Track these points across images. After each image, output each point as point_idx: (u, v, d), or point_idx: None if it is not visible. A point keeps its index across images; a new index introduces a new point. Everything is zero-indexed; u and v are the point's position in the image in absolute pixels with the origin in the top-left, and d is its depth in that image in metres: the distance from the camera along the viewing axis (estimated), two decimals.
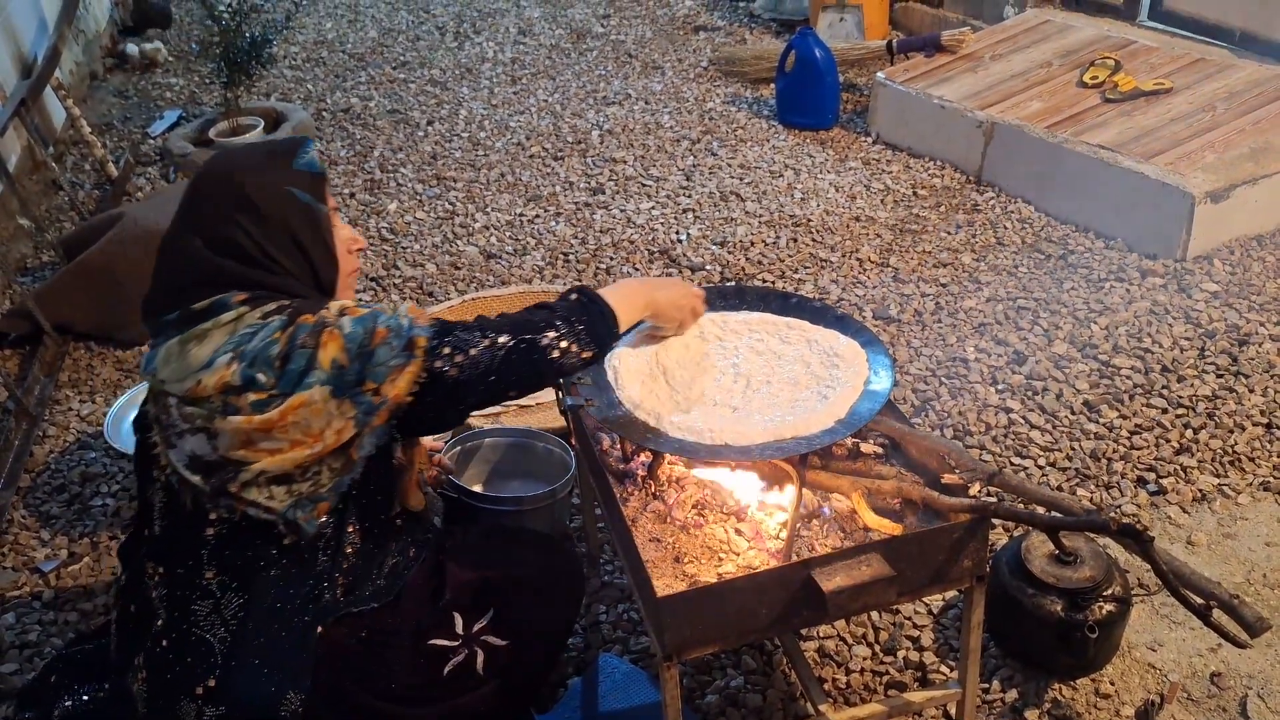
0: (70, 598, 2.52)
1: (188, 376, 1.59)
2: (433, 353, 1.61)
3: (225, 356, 1.58)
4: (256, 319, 1.61)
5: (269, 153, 1.71)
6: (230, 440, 1.57)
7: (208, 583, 1.66)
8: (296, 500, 1.63)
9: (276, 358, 1.57)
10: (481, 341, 1.64)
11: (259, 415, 1.56)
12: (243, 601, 1.66)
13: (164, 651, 1.68)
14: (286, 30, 5.27)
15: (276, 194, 1.66)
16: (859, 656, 2.26)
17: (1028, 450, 2.79)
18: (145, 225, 3.49)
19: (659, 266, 3.76)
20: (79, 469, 2.93)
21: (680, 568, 1.78)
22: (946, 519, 1.77)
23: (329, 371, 1.57)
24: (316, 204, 1.70)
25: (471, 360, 1.62)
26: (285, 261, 1.67)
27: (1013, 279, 3.55)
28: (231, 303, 1.62)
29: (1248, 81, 4.00)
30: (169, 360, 1.62)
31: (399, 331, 1.61)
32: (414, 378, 1.60)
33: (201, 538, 1.65)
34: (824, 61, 4.68)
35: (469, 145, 4.87)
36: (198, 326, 1.61)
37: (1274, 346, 3.10)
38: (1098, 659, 2.17)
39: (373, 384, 1.58)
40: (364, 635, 1.76)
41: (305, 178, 1.69)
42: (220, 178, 1.67)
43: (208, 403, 1.58)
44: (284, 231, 1.66)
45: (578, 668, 2.25)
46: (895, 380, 2.98)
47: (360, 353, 1.58)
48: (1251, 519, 2.55)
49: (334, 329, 1.59)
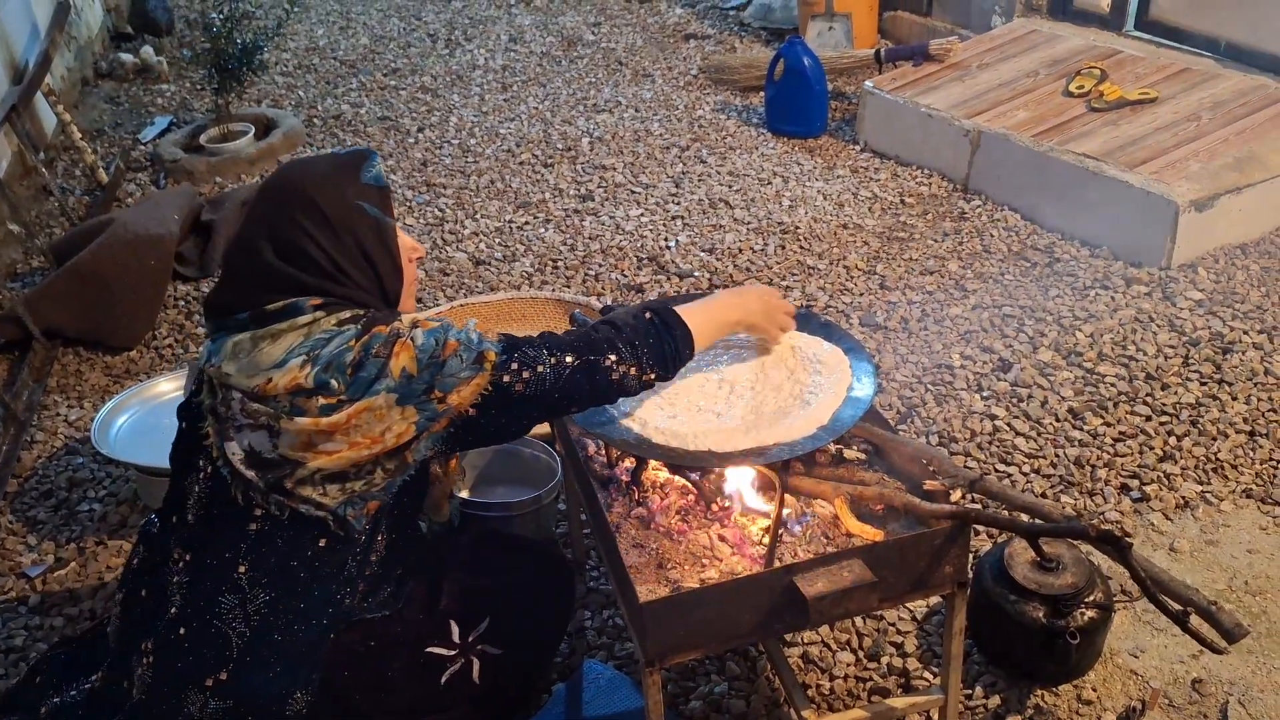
0: (56, 602, 2.53)
1: (258, 373, 1.61)
2: (501, 367, 1.63)
3: (298, 359, 1.60)
4: (331, 325, 1.64)
5: (337, 165, 1.73)
6: (292, 440, 1.60)
7: (239, 576, 1.68)
8: (349, 498, 1.66)
9: (350, 365, 1.59)
10: (549, 359, 1.65)
11: (325, 418, 1.58)
12: (269, 599, 1.68)
13: (179, 640, 1.69)
14: (278, 37, 5.27)
15: (346, 207, 1.68)
16: (843, 662, 2.27)
17: (1012, 457, 2.80)
18: (135, 231, 3.51)
19: (648, 273, 3.78)
20: (66, 474, 2.93)
21: (663, 573, 1.78)
22: (928, 525, 1.78)
23: (398, 380, 1.60)
24: (384, 217, 1.72)
25: (538, 376, 1.64)
26: (353, 273, 1.69)
27: (999, 287, 3.57)
28: (306, 307, 1.65)
29: (1232, 91, 4.03)
30: (237, 354, 1.64)
31: (469, 345, 1.63)
32: (480, 389, 1.62)
33: (244, 531, 1.67)
34: (812, 70, 4.70)
35: (459, 152, 4.88)
36: (272, 326, 1.64)
37: (1257, 354, 3.12)
38: (1080, 665, 2.18)
39: (440, 393, 1.61)
40: (372, 644, 1.78)
41: (373, 191, 1.71)
42: (291, 188, 1.69)
43: (275, 401, 1.60)
44: (353, 243, 1.69)
45: (562, 674, 2.26)
46: (878, 387, 2.99)
47: (431, 363, 1.61)
48: (1234, 526, 2.57)
49: (407, 340, 1.62)
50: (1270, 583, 2.40)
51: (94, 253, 3.42)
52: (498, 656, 1.86)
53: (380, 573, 1.81)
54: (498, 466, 2.65)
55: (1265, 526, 2.56)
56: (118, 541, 2.70)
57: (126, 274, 3.46)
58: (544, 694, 2.18)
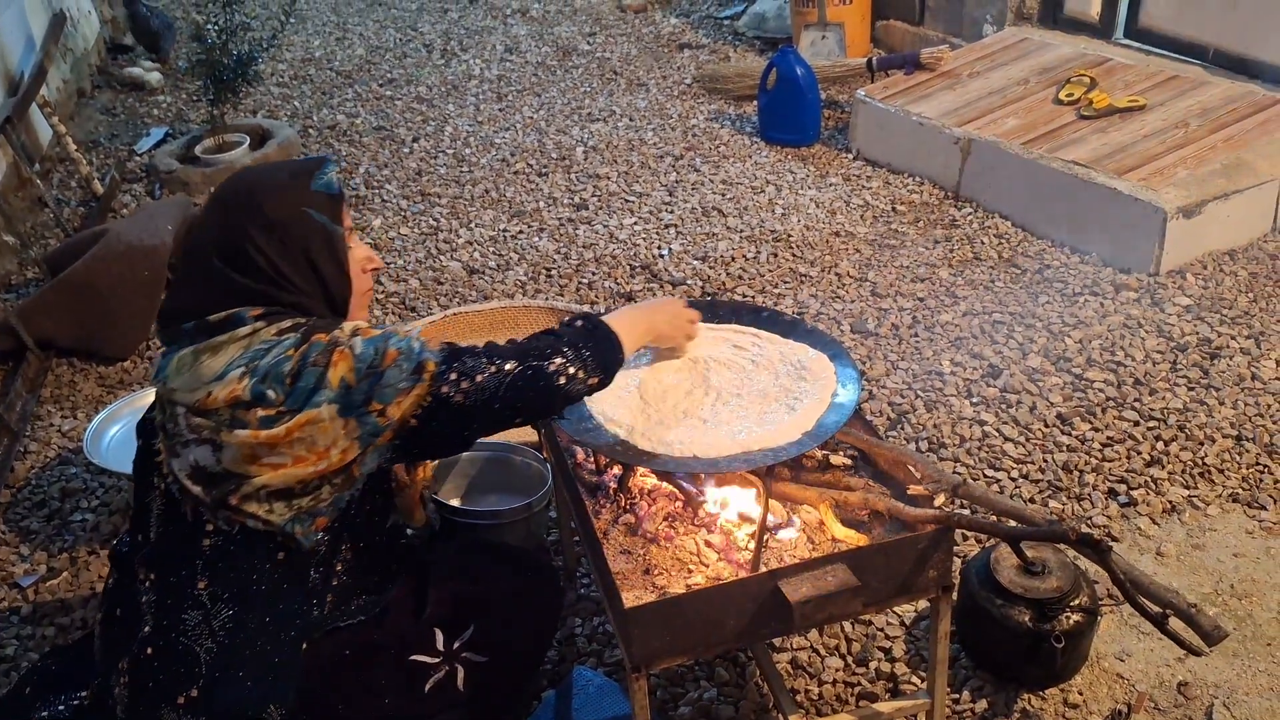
0: (48, 612, 2.54)
1: (199, 387, 1.61)
2: (440, 377, 1.61)
3: (237, 370, 1.60)
4: (271, 335, 1.63)
5: (290, 172, 1.73)
6: (235, 453, 1.59)
7: (199, 593, 1.67)
8: (296, 515, 1.65)
9: (288, 375, 1.59)
10: (488, 368, 1.63)
11: (265, 430, 1.57)
12: (233, 613, 1.67)
13: (149, 659, 1.69)
14: (273, 48, 5.29)
15: (293, 214, 1.67)
16: (831, 668, 2.28)
17: (1001, 462, 2.82)
18: (129, 242, 3.52)
19: (641, 281, 3.79)
20: (59, 484, 2.95)
21: (650, 579, 1.80)
22: (912, 530, 1.79)
23: (337, 390, 1.58)
24: (332, 225, 1.71)
25: (478, 386, 1.62)
26: (298, 280, 1.68)
27: (989, 293, 3.59)
28: (247, 317, 1.64)
29: (1220, 99, 4.05)
30: (181, 370, 1.64)
31: (409, 354, 1.61)
32: (419, 400, 1.60)
33: (197, 548, 1.67)
34: (805, 79, 4.72)
35: (454, 162, 4.91)
36: (213, 338, 1.64)
37: (1245, 360, 3.13)
38: (1066, 669, 2.19)
39: (379, 404, 1.59)
40: (349, 653, 1.78)
41: (323, 198, 1.70)
42: (240, 195, 1.69)
43: (216, 415, 1.59)
44: (299, 251, 1.68)
45: (552, 680, 2.27)
46: (863, 392, 3.01)
47: (369, 373, 1.59)
48: (1220, 530, 2.58)
49: (345, 348, 1.61)
50: (1256, 586, 2.42)
51: (88, 264, 3.43)
52: (482, 664, 1.87)
53: (350, 582, 1.80)
54: (489, 474, 2.66)
55: (1251, 531, 2.57)
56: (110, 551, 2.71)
57: (121, 285, 3.47)
58: (533, 700, 2.19)
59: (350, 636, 1.80)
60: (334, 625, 1.78)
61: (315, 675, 1.75)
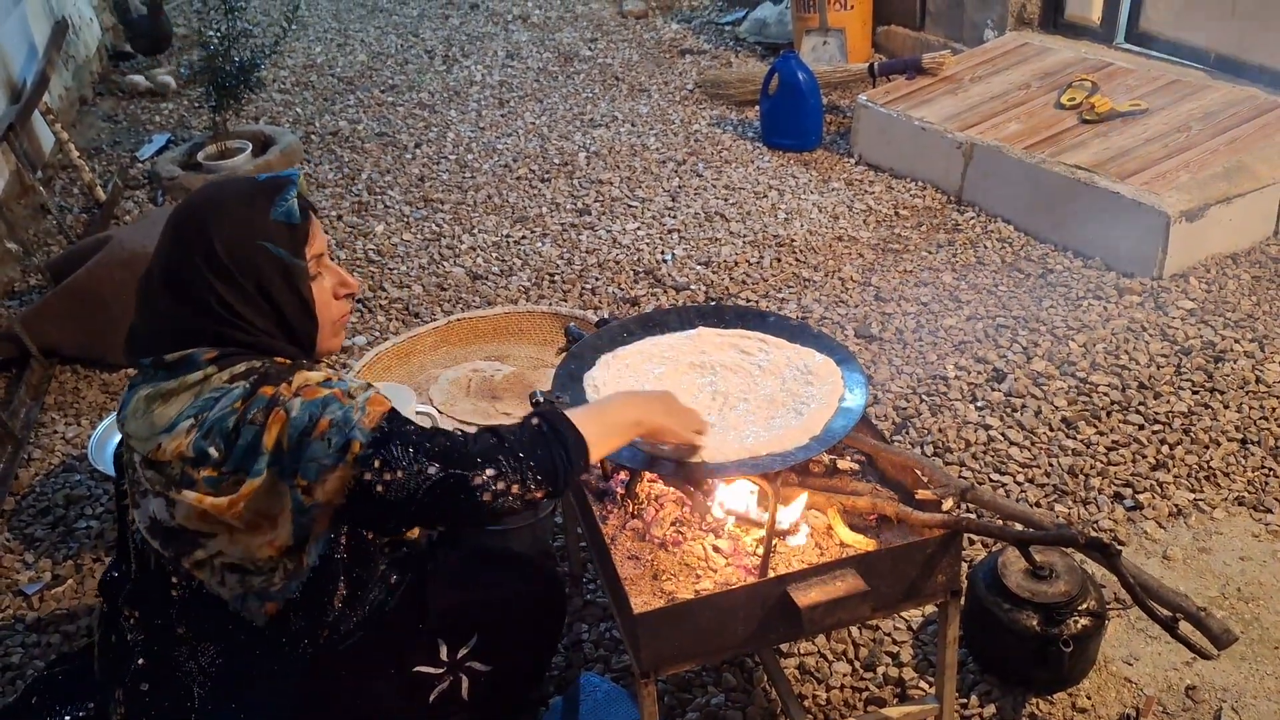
0: (53, 620, 2.53)
1: (150, 437, 1.54)
2: (363, 462, 1.48)
3: (186, 422, 1.52)
4: (223, 381, 1.54)
5: (246, 199, 1.60)
6: (187, 511, 1.53)
7: (181, 635, 1.64)
8: (246, 593, 1.59)
9: (231, 429, 1.50)
10: (411, 465, 1.49)
11: (210, 497, 1.51)
12: (219, 650, 1.64)
13: (143, 694, 1.67)
14: (275, 54, 5.30)
15: (247, 249, 1.56)
16: (839, 673, 2.28)
17: (1006, 467, 2.81)
18: (132, 249, 3.52)
19: (645, 286, 3.80)
20: (63, 491, 2.94)
21: (658, 584, 1.79)
22: (920, 534, 1.79)
23: (272, 453, 1.50)
24: (291, 258, 1.60)
25: (398, 483, 1.49)
26: (254, 319, 1.59)
27: (993, 297, 3.59)
28: (200, 360, 1.56)
29: (1222, 102, 4.05)
30: (136, 414, 1.58)
31: (341, 428, 1.49)
32: (344, 482, 1.49)
33: (168, 596, 1.63)
34: (807, 84, 4.73)
35: (456, 167, 4.91)
36: (165, 384, 1.56)
37: (1249, 363, 3.13)
38: (1074, 673, 2.19)
39: (304, 480, 1.49)
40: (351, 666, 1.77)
41: (281, 229, 1.59)
42: (195, 224, 1.58)
43: (167, 468, 1.53)
44: (255, 289, 1.58)
45: (559, 686, 2.26)
46: (870, 397, 3.01)
47: (299, 441, 1.49)
48: (1226, 533, 2.58)
49: (282, 409, 1.50)
50: (1262, 590, 2.42)
51: (91, 271, 3.44)
52: (487, 673, 1.85)
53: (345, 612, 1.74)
54: None
55: (1257, 534, 2.57)
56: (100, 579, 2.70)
57: (124, 292, 3.46)
58: (539, 706, 2.19)
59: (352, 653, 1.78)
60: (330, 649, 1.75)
61: (316, 689, 1.72)
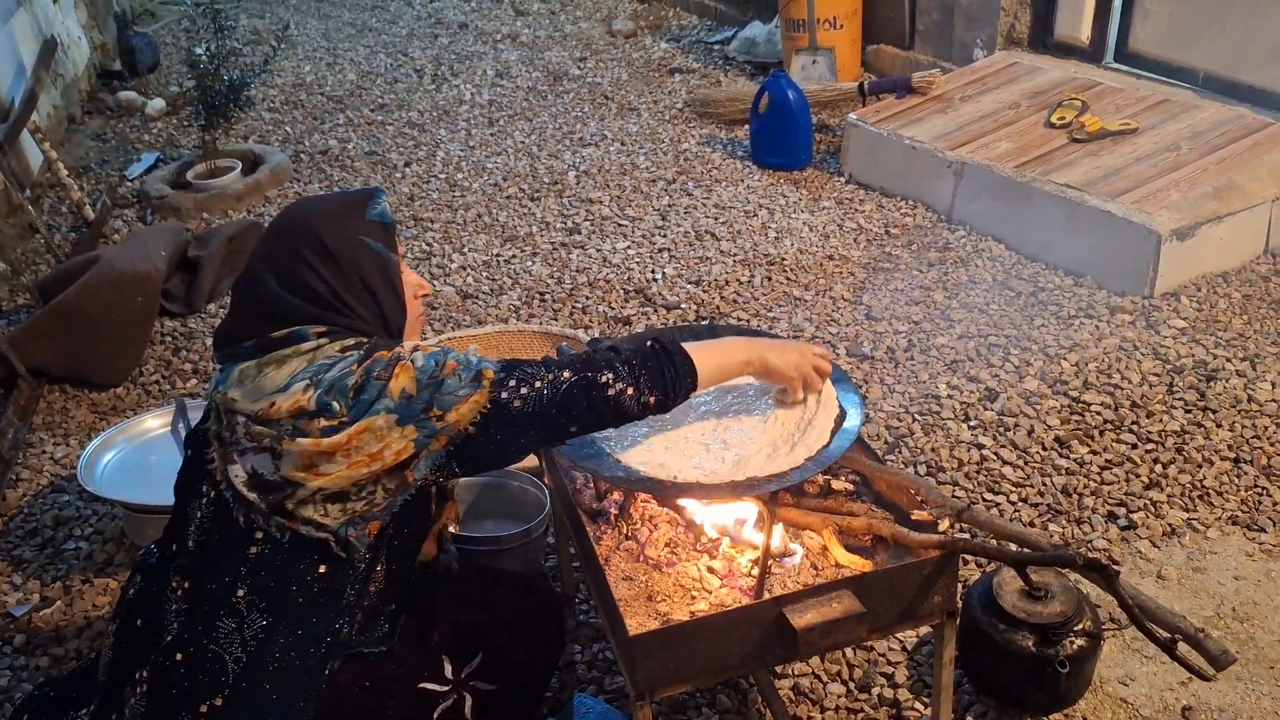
0: (42, 642, 2.51)
1: (262, 398, 1.65)
2: (499, 384, 1.66)
3: (302, 382, 1.64)
4: (335, 351, 1.69)
5: (344, 203, 1.79)
6: (295, 460, 1.63)
7: (236, 601, 1.68)
8: (350, 518, 1.67)
9: (352, 388, 1.63)
10: (546, 376, 1.68)
11: (327, 439, 1.61)
12: (267, 624, 1.68)
13: (175, 665, 1.68)
14: (265, 73, 5.30)
15: (350, 242, 1.74)
16: (834, 694, 2.26)
17: (999, 486, 2.81)
18: (121, 268, 3.51)
19: (635, 305, 3.79)
20: (52, 512, 2.92)
21: (653, 606, 1.78)
22: (916, 555, 1.78)
23: (398, 400, 1.63)
24: (388, 253, 1.77)
25: (535, 393, 1.66)
26: (357, 306, 1.74)
27: (984, 316, 3.59)
28: (310, 334, 1.70)
29: (1211, 121, 4.08)
30: (243, 380, 1.69)
31: (468, 365, 1.67)
32: (478, 406, 1.64)
33: (243, 554, 1.68)
34: (797, 103, 4.74)
35: (446, 186, 4.91)
36: (277, 352, 1.69)
37: (1241, 381, 3.14)
38: (1070, 694, 2.18)
39: (438, 410, 1.63)
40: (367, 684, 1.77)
41: (378, 228, 1.77)
42: (298, 223, 1.75)
43: (278, 424, 1.64)
44: (356, 277, 1.74)
45: (552, 708, 2.25)
46: (865, 417, 3.00)
47: (430, 382, 1.64)
48: (1220, 553, 2.58)
49: (407, 362, 1.66)
50: (1257, 609, 2.41)
51: (79, 290, 3.42)
52: (490, 692, 1.85)
53: (378, 604, 1.80)
54: (486, 500, 2.64)
55: (1251, 553, 2.57)
56: (104, 580, 2.68)
57: (113, 311, 3.46)
58: None
59: (367, 666, 1.79)
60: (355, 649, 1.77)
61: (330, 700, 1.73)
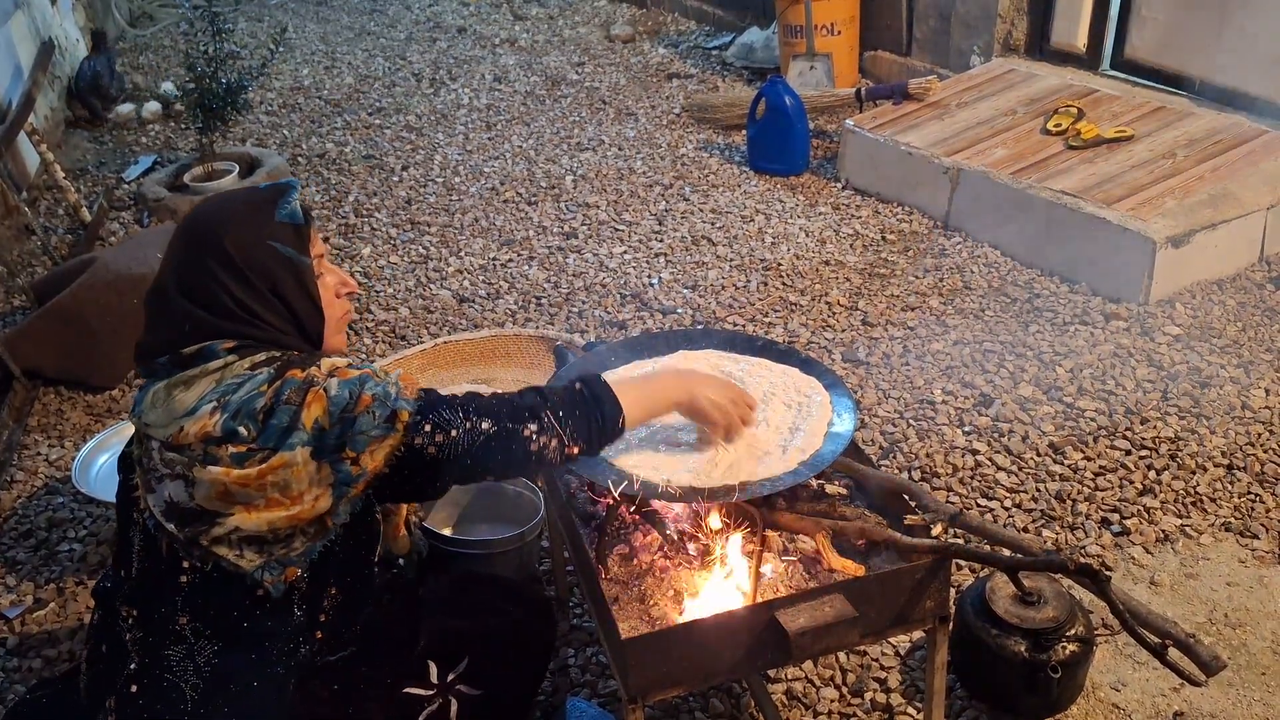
0: (35, 644, 2.50)
1: (171, 422, 1.59)
2: (414, 428, 1.58)
3: (209, 405, 1.57)
4: (244, 369, 1.61)
5: (251, 204, 1.69)
6: (208, 490, 1.56)
7: (181, 628, 1.65)
8: (266, 562, 1.62)
9: (260, 411, 1.55)
10: (464, 424, 1.61)
11: (237, 469, 1.54)
12: (217, 649, 1.65)
13: (134, 696, 1.66)
14: (263, 76, 5.30)
15: (257, 249, 1.64)
16: (826, 699, 2.26)
17: (994, 492, 2.81)
18: (117, 270, 3.50)
19: (631, 310, 3.79)
20: (46, 514, 2.92)
21: (645, 609, 1.78)
22: (909, 560, 1.79)
23: (311, 432, 1.55)
24: (299, 257, 1.68)
25: (451, 441, 1.60)
26: (268, 316, 1.66)
27: (979, 322, 3.60)
28: (219, 350, 1.62)
29: (1207, 129, 4.09)
30: (155, 404, 1.63)
31: (384, 401, 1.58)
32: (392, 450, 1.58)
33: (176, 584, 1.64)
34: (794, 109, 4.75)
35: (443, 190, 4.91)
36: (185, 372, 1.62)
37: (1235, 389, 3.15)
38: (1062, 699, 2.18)
39: (352, 452, 1.56)
40: (337, 688, 1.76)
41: (287, 230, 1.68)
42: (203, 229, 1.66)
43: (189, 450, 1.57)
44: (266, 287, 1.65)
45: (545, 712, 2.24)
46: (858, 422, 3.00)
47: (342, 417, 1.56)
48: (1213, 559, 2.58)
49: (320, 389, 1.57)
50: (1250, 615, 2.42)
51: (75, 292, 3.42)
52: (476, 697, 1.84)
53: (337, 619, 1.76)
54: (480, 504, 2.64)
55: (1244, 560, 2.57)
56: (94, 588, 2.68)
57: (108, 313, 3.45)
58: None
59: (341, 669, 1.77)
60: (324, 660, 1.76)
61: (306, 707, 1.72)
